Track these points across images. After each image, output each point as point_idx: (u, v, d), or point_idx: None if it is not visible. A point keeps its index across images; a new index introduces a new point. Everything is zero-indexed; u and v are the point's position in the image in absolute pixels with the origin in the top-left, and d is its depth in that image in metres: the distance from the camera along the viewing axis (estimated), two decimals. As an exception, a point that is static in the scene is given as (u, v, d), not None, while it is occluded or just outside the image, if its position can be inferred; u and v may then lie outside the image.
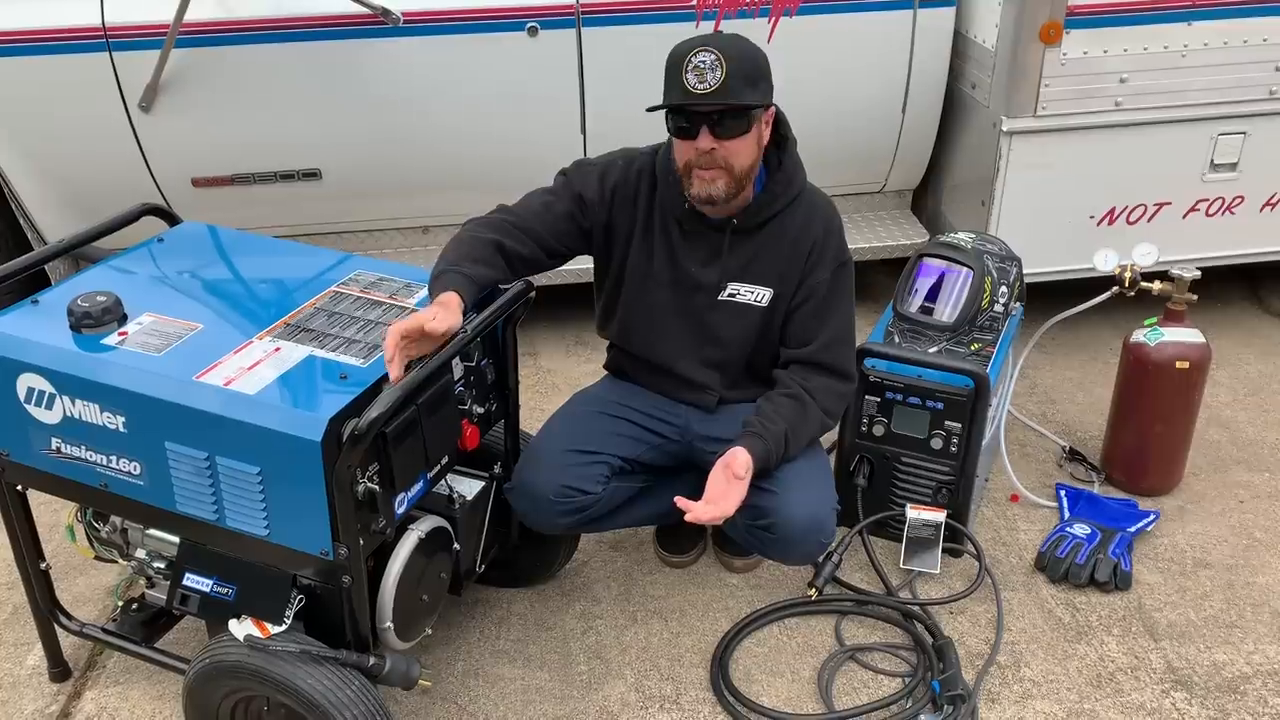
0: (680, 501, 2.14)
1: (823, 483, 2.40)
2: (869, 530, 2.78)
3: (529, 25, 3.27)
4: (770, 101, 2.20)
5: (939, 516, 2.66)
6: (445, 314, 1.95)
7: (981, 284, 2.77)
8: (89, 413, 1.92)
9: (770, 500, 2.29)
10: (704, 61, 2.06)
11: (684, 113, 2.13)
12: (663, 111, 2.17)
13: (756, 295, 2.37)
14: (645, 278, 2.38)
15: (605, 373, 2.65)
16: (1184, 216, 3.48)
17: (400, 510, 1.99)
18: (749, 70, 2.11)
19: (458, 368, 2.10)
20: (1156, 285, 2.85)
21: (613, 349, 2.59)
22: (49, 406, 1.96)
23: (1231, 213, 3.50)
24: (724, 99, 2.08)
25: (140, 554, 2.17)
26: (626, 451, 2.44)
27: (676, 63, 2.10)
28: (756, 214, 2.31)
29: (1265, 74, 3.27)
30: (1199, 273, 2.83)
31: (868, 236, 3.76)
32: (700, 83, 2.07)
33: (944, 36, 3.48)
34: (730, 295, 2.37)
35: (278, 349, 1.96)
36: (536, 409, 3.41)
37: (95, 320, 1.98)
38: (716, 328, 2.40)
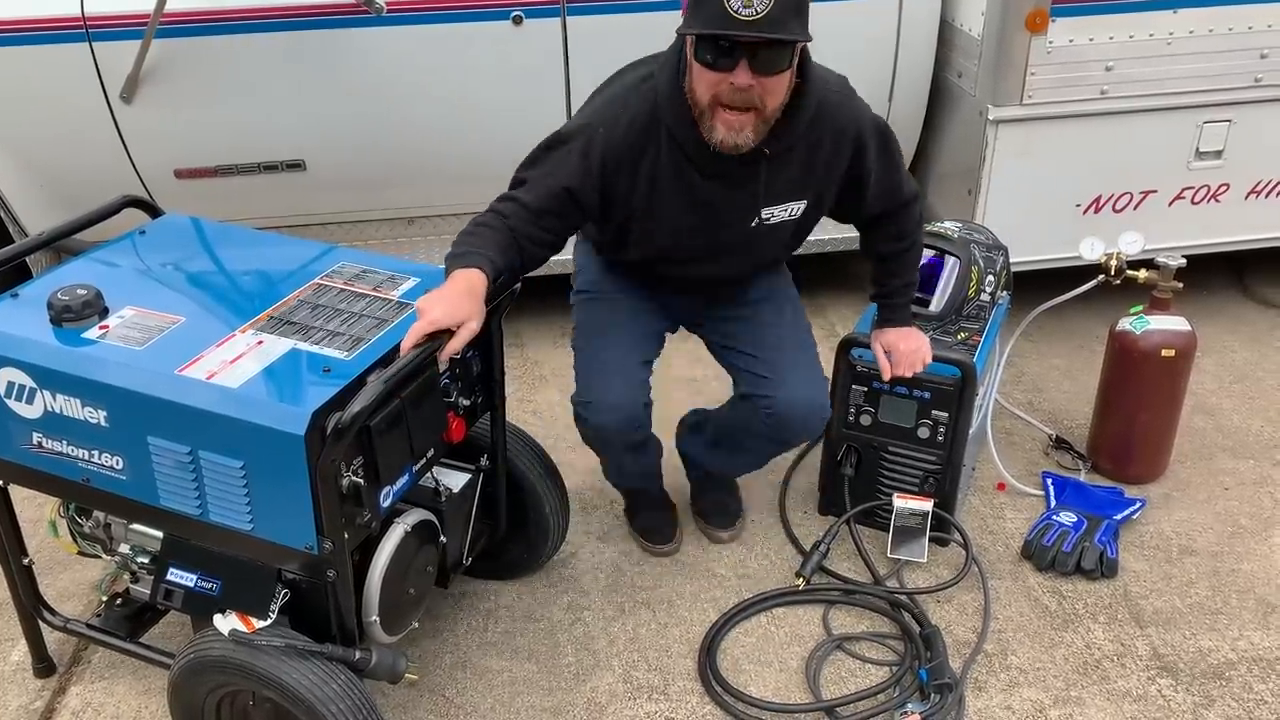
0: (880, 361, 2.49)
1: (817, 368, 2.49)
2: (856, 519, 2.78)
3: (514, 14, 3.25)
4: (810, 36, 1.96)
5: (926, 505, 2.67)
6: (473, 309, 1.90)
7: (968, 273, 2.77)
8: (70, 407, 1.91)
9: (773, 388, 2.41)
10: None
11: (723, 40, 1.90)
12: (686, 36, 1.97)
13: (790, 210, 2.26)
14: (662, 230, 2.25)
15: (587, 254, 2.56)
16: (1170, 204, 3.49)
17: (385, 504, 1.98)
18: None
19: (443, 360, 2.08)
20: (1142, 273, 2.85)
21: (614, 252, 2.47)
22: (30, 401, 1.94)
23: (1217, 200, 3.51)
24: (773, 30, 1.86)
25: (124, 549, 2.15)
26: (653, 350, 2.52)
27: None
28: (789, 135, 2.11)
29: (1250, 61, 3.28)
30: (1184, 261, 2.84)
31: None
32: (746, 8, 1.83)
33: (930, 25, 3.48)
34: (765, 219, 2.25)
35: (261, 342, 1.95)
36: (525, 400, 3.41)
37: (76, 314, 1.96)
38: (751, 250, 2.35)
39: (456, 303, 1.89)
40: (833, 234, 3.63)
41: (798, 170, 2.19)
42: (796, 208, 2.26)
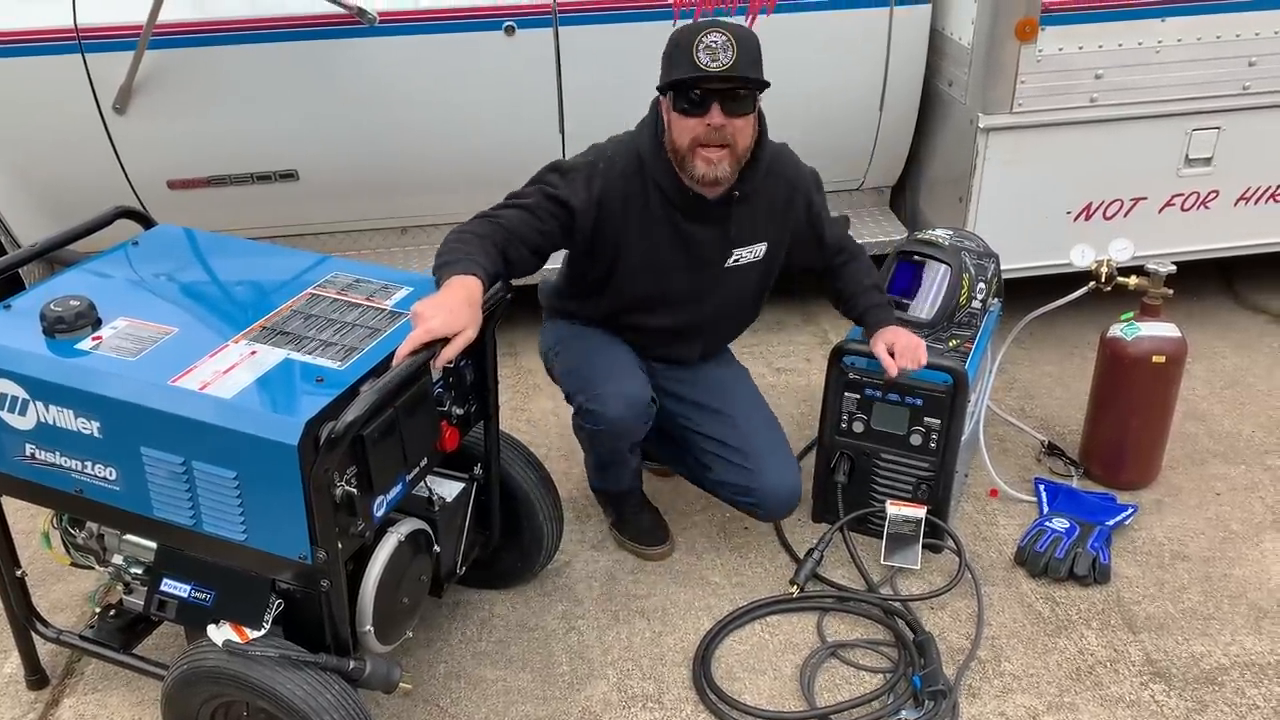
0: (884, 360, 2.51)
1: (788, 450, 2.64)
2: (850, 527, 2.79)
3: (506, 24, 3.26)
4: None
5: (919, 512, 2.67)
6: (472, 317, 1.95)
7: (959, 280, 2.79)
8: (63, 418, 1.91)
9: (751, 479, 2.56)
10: (716, 41, 2.16)
11: (695, 89, 2.21)
12: (660, 91, 2.29)
13: (754, 252, 2.52)
14: (649, 269, 2.46)
15: (564, 318, 2.69)
16: (1160, 211, 3.50)
17: (379, 513, 1.98)
18: (755, 53, 2.23)
19: (436, 369, 2.09)
20: (1132, 280, 2.86)
21: (584, 318, 2.63)
22: (22, 412, 1.94)
23: (1206, 207, 3.53)
24: (737, 75, 2.19)
25: (117, 560, 2.15)
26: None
27: (686, 42, 2.19)
28: (753, 180, 2.41)
29: (1238, 69, 3.30)
30: (1174, 268, 2.85)
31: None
32: (713, 61, 2.16)
33: (920, 34, 3.49)
34: (734, 262, 2.51)
35: (254, 352, 1.95)
36: (519, 409, 3.41)
37: (69, 325, 1.96)
38: (723, 293, 2.55)
39: (456, 311, 1.93)
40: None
41: (761, 214, 2.49)
42: (759, 249, 2.53)
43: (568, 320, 2.67)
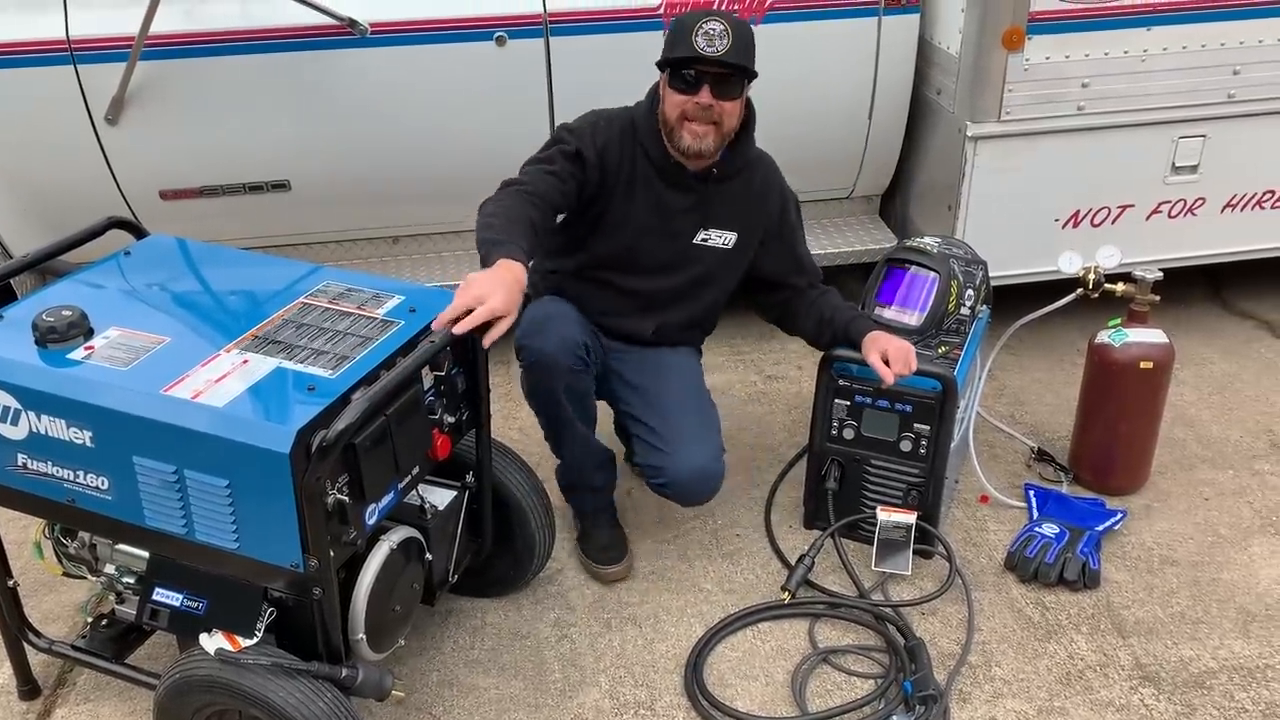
0: (879, 369, 2.52)
1: (711, 436, 2.62)
2: (840, 533, 2.80)
3: (497, 35, 3.27)
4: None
5: (909, 518, 2.69)
6: (518, 303, 2.04)
7: (948, 287, 2.80)
8: (55, 428, 1.91)
9: (663, 459, 2.56)
10: (714, 29, 2.35)
11: (689, 70, 2.39)
12: (659, 67, 2.46)
13: (724, 240, 2.65)
14: (624, 227, 2.57)
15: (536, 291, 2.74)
16: (1147, 218, 3.53)
17: (371, 521, 1.98)
18: (748, 44, 2.41)
19: (428, 377, 2.10)
20: (1120, 287, 2.88)
21: (556, 274, 2.70)
22: (14, 422, 1.95)
23: (1193, 214, 3.55)
24: (728, 60, 2.36)
25: (109, 569, 2.15)
26: (592, 341, 2.61)
27: (687, 27, 2.37)
28: (733, 164, 2.57)
29: (1223, 78, 3.33)
30: (1161, 274, 2.87)
31: (836, 242, 3.78)
32: (710, 46, 2.35)
33: (909, 43, 3.51)
34: (703, 240, 2.63)
35: (246, 361, 1.96)
36: (510, 417, 3.41)
37: (61, 335, 1.97)
38: (688, 271, 2.65)
39: (512, 293, 2.03)
40: (824, 248, 3.67)
41: (736, 201, 2.62)
42: (729, 238, 2.64)
43: (542, 282, 2.72)
